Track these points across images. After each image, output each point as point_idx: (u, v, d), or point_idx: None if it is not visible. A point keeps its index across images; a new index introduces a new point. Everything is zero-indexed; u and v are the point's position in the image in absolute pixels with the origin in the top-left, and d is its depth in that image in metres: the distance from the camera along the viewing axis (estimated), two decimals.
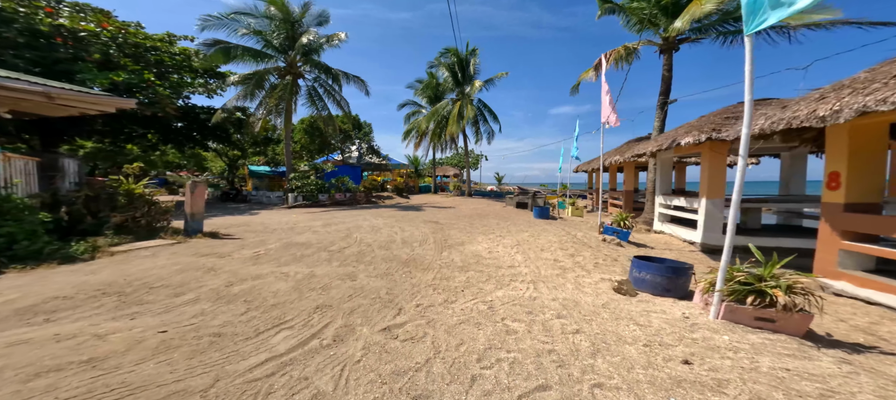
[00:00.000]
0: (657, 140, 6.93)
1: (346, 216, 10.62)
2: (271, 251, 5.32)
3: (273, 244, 5.86)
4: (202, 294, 3.35)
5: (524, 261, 5.31)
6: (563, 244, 6.62)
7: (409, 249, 5.91)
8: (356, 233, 7.29)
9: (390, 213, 11.96)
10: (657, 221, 8.32)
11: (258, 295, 3.42)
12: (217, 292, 3.41)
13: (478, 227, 8.84)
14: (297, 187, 15.03)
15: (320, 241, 6.32)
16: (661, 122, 10.09)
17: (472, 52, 22.54)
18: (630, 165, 11.50)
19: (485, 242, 6.72)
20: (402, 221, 9.65)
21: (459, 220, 10.25)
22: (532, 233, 7.96)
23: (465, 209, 13.95)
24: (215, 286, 3.58)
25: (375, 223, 8.99)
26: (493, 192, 27.09)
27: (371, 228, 8.00)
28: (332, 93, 17.27)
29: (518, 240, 7.02)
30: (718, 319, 2.73)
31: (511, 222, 9.92)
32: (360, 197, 17.14)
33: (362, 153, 26.74)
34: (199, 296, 3.30)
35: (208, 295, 3.34)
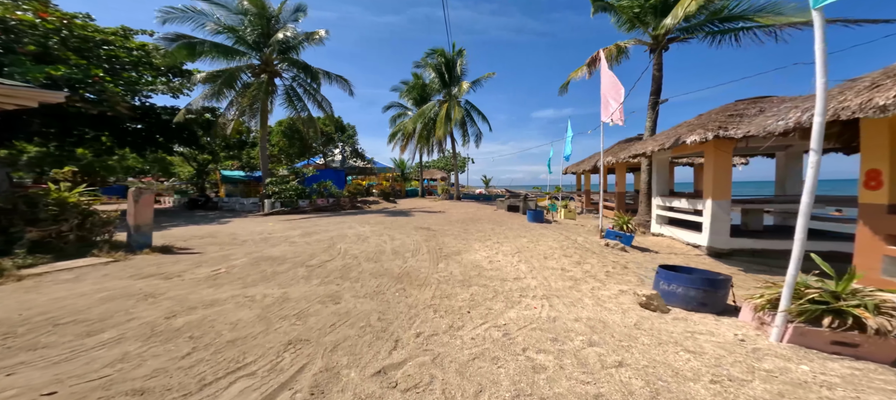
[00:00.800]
0: (657, 139, 6.70)
1: (329, 224, 9.78)
2: (236, 268, 4.50)
3: (239, 259, 5.02)
4: (130, 331, 2.57)
5: (530, 271, 4.80)
6: (566, 250, 6.19)
7: (402, 260, 5.26)
8: (340, 243, 6.54)
9: (377, 219, 11.21)
10: (655, 223, 8.11)
11: (210, 328, 2.67)
12: (152, 327, 2.64)
13: (472, 232, 8.30)
14: (275, 193, 13.94)
15: (298, 254, 5.53)
16: (653, 123, 10.01)
17: (458, 52, 22.22)
18: (622, 167, 11.41)
19: (483, 250, 6.17)
20: (391, 227, 8.95)
21: (452, 225, 9.68)
22: (530, 238, 7.52)
23: (456, 213, 13.40)
24: (151, 319, 2.79)
25: (362, 231, 8.24)
26: (481, 195, 26.76)
27: (357, 237, 7.26)
28: (312, 93, 16.31)
29: (517, 246, 6.53)
30: (783, 342, 2.31)
31: (506, 227, 9.46)
32: (345, 202, 16.21)
33: (346, 157, 25.69)
34: (125, 333, 2.52)
35: (138, 332, 2.56)
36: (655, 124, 10.03)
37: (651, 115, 10.03)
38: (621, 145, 11.72)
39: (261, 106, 14.14)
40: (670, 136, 6.07)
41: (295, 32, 14.75)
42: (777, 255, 5.37)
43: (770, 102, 5.64)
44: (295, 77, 16.10)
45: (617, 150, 11.54)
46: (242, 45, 14.51)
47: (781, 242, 5.56)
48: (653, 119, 10.01)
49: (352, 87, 17.02)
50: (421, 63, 23.78)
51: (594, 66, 10.10)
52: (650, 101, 10.06)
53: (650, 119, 10.05)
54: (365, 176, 30.98)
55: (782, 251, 5.43)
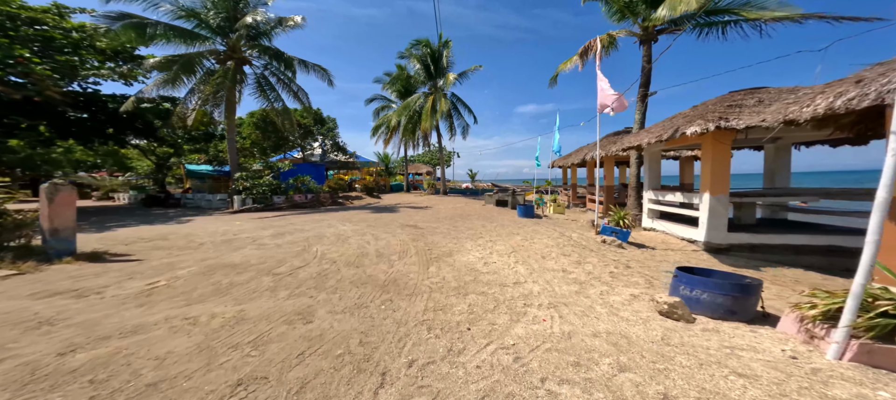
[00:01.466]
0: (653, 131, 6.46)
1: (307, 222, 8.97)
2: (180, 280, 3.74)
3: (187, 268, 4.23)
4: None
5: (529, 274, 4.38)
6: (563, 249, 5.84)
7: (387, 264, 4.69)
8: (317, 245, 5.84)
9: (360, 216, 10.49)
10: (646, 218, 7.97)
11: (125, 367, 2.01)
12: (34, 368, 1.93)
13: (463, 230, 7.82)
14: (246, 189, 12.81)
15: (265, 259, 4.81)
16: (643, 115, 9.89)
17: (444, 43, 21.50)
18: (610, 160, 11.31)
19: (476, 251, 5.70)
20: (375, 225, 8.30)
21: (440, 222, 9.16)
22: (524, 235, 7.14)
23: (444, 209, 12.88)
24: (36, 356, 2.08)
25: (342, 230, 7.54)
26: (468, 189, 26.39)
27: (336, 238, 6.57)
28: (285, 82, 15.11)
29: (512, 245, 6.12)
30: (843, 360, 1.98)
31: (497, 223, 9.06)
32: (325, 198, 15.26)
33: (327, 150, 24.43)
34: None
35: (13, 376, 1.85)
36: (645, 117, 9.92)
37: (640, 107, 9.90)
38: (610, 138, 11.62)
39: (227, 95, 12.86)
40: (667, 128, 5.83)
41: (265, 17, 13.50)
42: (776, 250, 5.26)
43: (767, 93, 5.49)
44: (267, 65, 14.84)
45: (606, 143, 11.40)
46: (205, 28, 13.10)
47: (779, 236, 5.47)
48: (642, 111, 9.89)
49: (331, 77, 15.96)
50: (405, 54, 22.86)
51: (587, 56, 9.81)
52: (639, 93, 9.92)
53: (639, 111, 9.93)
54: (347, 170, 29.76)
55: (781, 246, 5.34)
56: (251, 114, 19.19)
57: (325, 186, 17.30)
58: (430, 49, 21.73)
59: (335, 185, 18.22)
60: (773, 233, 5.51)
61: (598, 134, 6.88)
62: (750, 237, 5.40)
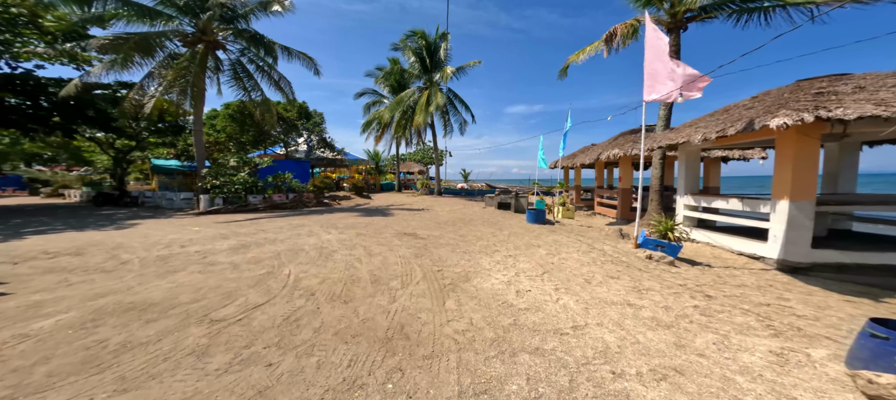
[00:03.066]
0: (708, 125, 5.38)
1: (283, 228, 7.51)
2: (32, 339, 2.29)
3: (63, 313, 2.76)
4: None
5: (584, 310, 3.17)
6: (605, 267, 4.68)
7: (387, 296, 3.38)
8: (291, 264, 4.45)
9: (348, 220, 9.07)
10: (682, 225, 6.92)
11: None
12: None
13: (471, 239, 6.57)
14: (215, 186, 11.14)
15: (205, 292, 3.39)
16: (668, 111, 8.93)
17: (442, 35, 20.18)
18: (627, 161, 10.35)
19: (498, 271, 4.46)
20: (367, 233, 6.93)
21: (442, 229, 7.87)
22: (546, 247, 5.95)
23: (443, 212, 11.60)
24: None
25: (326, 240, 6.14)
26: (463, 189, 25.17)
27: (318, 252, 5.18)
28: (265, 71, 13.46)
29: (539, 263, 4.91)
30: None
31: (507, 231, 7.86)
32: (309, 198, 13.70)
33: (313, 146, 22.69)
34: None
35: None
36: (670, 113, 8.95)
37: (666, 103, 8.93)
38: (626, 137, 10.64)
39: (194, 81, 11.10)
40: (735, 119, 4.76)
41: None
42: (871, 270, 4.26)
43: (863, 79, 4.49)
44: (243, 50, 13.14)
45: (622, 141, 10.42)
46: (169, 6, 11.32)
47: (879, 254, 4.44)
48: (668, 107, 8.92)
49: (317, 66, 14.41)
50: (399, 45, 21.38)
51: (613, 42, 8.75)
52: None
53: (664, 107, 8.95)
54: (335, 168, 28.02)
55: (878, 267, 4.33)
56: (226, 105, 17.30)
57: (309, 185, 15.70)
58: (426, 41, 20.39)
59: (321, 184, 16.63)
60: (868, 250, 4.49)
61: (643, 128, 5.73)
62: (839, 255, 4.37)
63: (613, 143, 10.66)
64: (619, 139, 10.84)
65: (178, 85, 10.82)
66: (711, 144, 6.26)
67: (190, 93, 10.86)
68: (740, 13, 8.12)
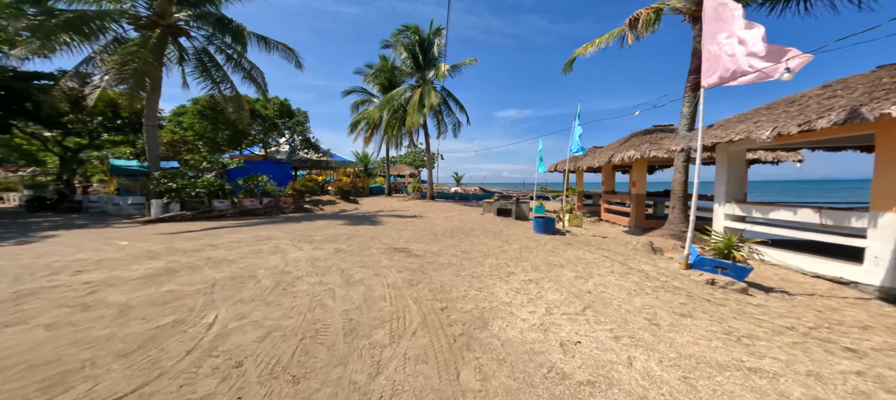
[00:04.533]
0: (788, 116, 4.34)
1: (242, 242, 6.07)
2: None
3: None
4: None
5: (686, 384, 1.98)
6: (665, 299, 3.53)
7: (368, 365, 2.09)
8: (225, 303, 3.09)
9: (329, 230, 7.69)
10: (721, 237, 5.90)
11: None
12: None
13: (476, 257, 5.33)
14: (172, 190, 9.54)
15: (17, 369, 2.04)
16: (694, 108, 8.00)
17: (436, 31, 19.07)
18: (642, 164, 9.41)
19: (523, 308, 3.24)
20: (348, 249, 5.60)
21: (440, 241, 6.61)
22: (573, 268, 4.78)
23: (438, 220, 10.33)
24: None
25: (292, 261, 4.77)
26: (457, 194, 23.95)
27: (275, 281, 3.81)
28: (236, 61, 11.95)
29: (573, 291, 3.72)
30: None
31: (516, 244, 6.66)
32: (287, 203, 12.18)
33: (295, 147, 21.05)
34: None
35: None
36: (696, 110, 8.03)
37: (690, 97, 8.01)
38: (641, 137, 9.71)
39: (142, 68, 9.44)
40: (823, 110, 3.75)
41: None
42: None
43: None
44: (210, 37, 11.61)
45: (637, 142, 9.47)
46: None
47: None
48: (692, 103, 7.99)
49: (299, 58, 13.02)
50: (390, 42, 20.14)
51: (636, 26, 7.79)
52: (689, 81, 8.04)
53: (689, 103, 8.03)
54: (321, 170, 26.37)
55: None
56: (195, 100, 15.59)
57: (288, 188, 14.15)
58: (420, 36, 19.24)
59: (302, 187, 15.09)
60: None
61: (700, 122, 4.57)
62: None
63: (627, 144, 9.70)
64: (633, 140, 9.90)
65: (124, 73, 9.20)
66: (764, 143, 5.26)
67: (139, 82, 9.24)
68: (776, 1, 7.31)
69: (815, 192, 56.08)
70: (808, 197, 37.22)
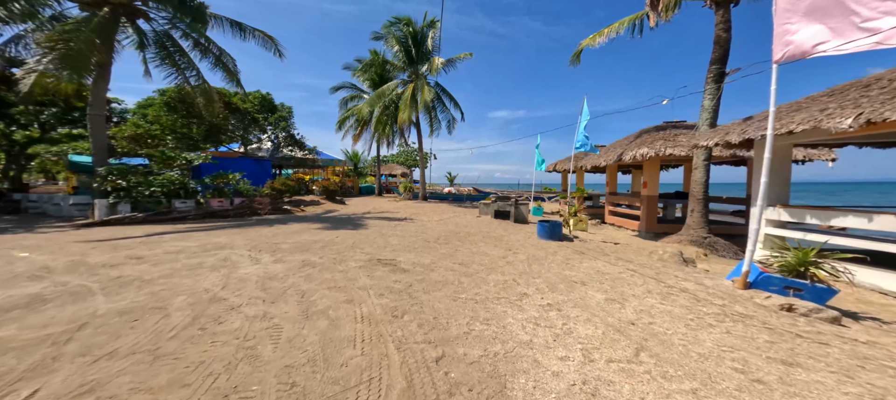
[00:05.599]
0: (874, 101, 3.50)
1: (184, 252, 4.91)
2: None
3: None
4: None
5: None
6: (741, 333, 2.59)
7: None
8: (81, 359, 2.00)
9: (303, 236, 6.56)
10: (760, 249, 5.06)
11: None
12: None
13: (477, 271, 4.32)
14: (121, 189, 8.25)
15: None
16: (717, 101, 7.22)
17: (430, 23, 18.07)
18: (654, 163, 8.62)
19: (551, 353, 2.24)
20: (320, 261, 4.50)
21: (433, 249, 5.58)
22: (597, 286, 3.83)
23: (431, 223, 9.30)
24: None
25: (236, 280, 3.65)
26: (451, 194, 22.94)
27: (193, 314, 2.71)
28: (204, 46, 10.68)
29: (609, 322, 2.76)
30: None
31: (521, 252, 5.68)
32: (262, 204, 10.93)
33: (279, 144, 19.70)
34: None
35: None
36: (718, 103, 7.25)
37: (713, 89, 7.22)
38: (653, 134, 8.91)
39: (81, 49, 8.06)
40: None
41: None
42: None
43: None
44: (173, 20, 10.30)
45: (650, 139, 8.66)
46: None
47: None
48: (715, 94, 7.20)
49: (279, 47, 11.84)
50: (381, 34, 19.01)
51: (657, 6, 6.96)
52: (711, 72, 7.25)
53: (711, 95, 7.24)
54: (307, 169, 25.00)
55: None
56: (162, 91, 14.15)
57: (265, 188, 12.89)
58: (412, 28, 18.22)
59: (281, 186, 13.84)
60: None
61: (772, 99, 3.55)
62: None
63: (639, 142, 8.88)
64: (645, 137, 9.09)
65: (61, 55, 7.82)
66: (822, 136, 4.42)
67: (78, 66, 7.87)
68: None
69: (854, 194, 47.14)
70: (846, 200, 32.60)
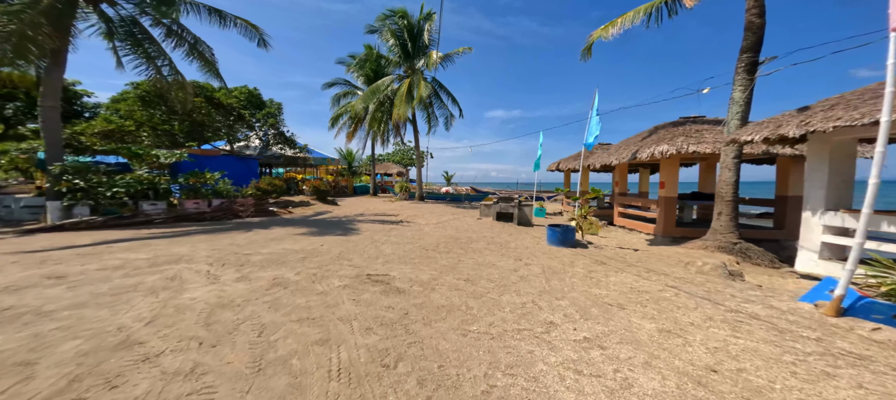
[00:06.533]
0: None
1: (122, 267, 4.02)
2: None
3: None
4: None
5: None
6: (870, 383, 1.79)
7: None
8: None
9: (280, 245, 5.68)
10: (816, 259, 4.33)
11: None
12: None
13: (488, 289, 3.49)
14: (78, 189, 7.29)
15: None
16: (749, 93, 6.48)
17: (426, 16, 17.18)
18: (673, 162, 7.90)
19: None
20: (293, 278, 3.65)
21: (432, 260, 4.74)
22: (645, 312, 3.04)
23: (429, 227, 8.47)
24: None
25: (174, 309, 2.79)
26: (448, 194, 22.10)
27: (74, 371, 1.86)
28: (177, 34, 9.69)
29: (692, 373, 1.95)
30: None
31: (534, 263, 4.88)
32: (243, 206, 9.99)
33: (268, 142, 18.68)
34: None
35: None
36: (751, 95, 6.51)
37: (744, 80, 6.48)
38: (670, 129, 8.18)
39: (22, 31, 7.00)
40: None
41: None
42: None
43: None
44: (140, 4, 9.30)
45: (667, 136, 7.93)
46: None
47: None
48: (747, 88, 6.46)
49: (263, 35, 10.88)
50: (376, 27, 18.07)
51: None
52: (743, 61, 6.51)
53: (741, 88, 6.50)
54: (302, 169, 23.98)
55: None
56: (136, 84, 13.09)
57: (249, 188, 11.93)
58: (408, 21, 17.33)
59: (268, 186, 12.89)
60: None
61: (889, 90, 2.71)
62: None
63: (655, 138, 8.14)
64: (662, 133, 8.36)
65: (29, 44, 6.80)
66: None
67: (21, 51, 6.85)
68: None
69: None
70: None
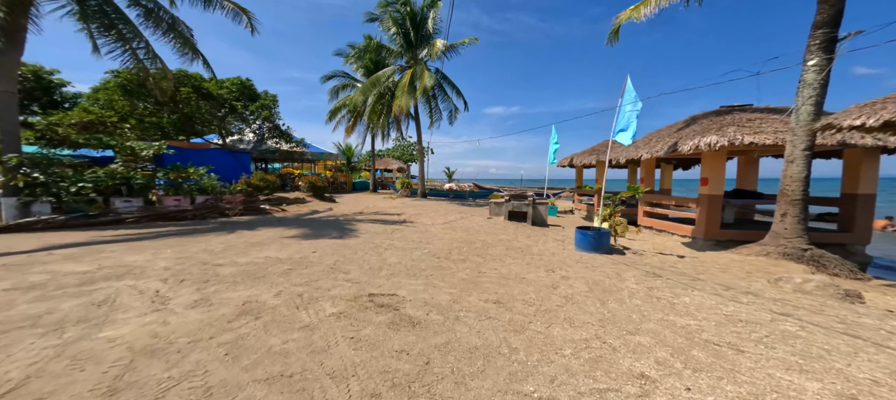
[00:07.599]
0: None
1: (41, 288, 3.07)
2: None
3: None
4: None
5: None
6: None
7: None
8: None
9: (264, 252, 4.72)
10: None
11: None
12: None
13: (526, 317, 2.53)
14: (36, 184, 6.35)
15: None
16: (826, 73, 5.44)
17: (430, 3, 16.06)
18: (718, 157, 6.88)
19: None
20: (271, 302, 2.69)
21: (447, 273, 3.77)
22: (790, 365, 2.06)
23: (436, 228, 7.50)
24: None
25: (47, 374, 1.85)
26: (451, 191, 21.11)
27: None
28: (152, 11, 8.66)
29: None
30: None
31: (572, 275, 3.91)
32: (231, 204, 9.02)
33: (263, 136, 17.68)
34: None
35: None
36: (828, 77, 5.48)
37: (820, 61, 5.44)
38: (715, 119, 7.17)
39: None
40: None
41: None
42: None
43: None
44: None
45: (711, 126, 6.91)
46: None
47: None
48: (824, 69, 5.42)
49: (252, 19, 9.87)
50: (376, 15, 16.93)
51: None
52: (816, 38, 5.48)
53: (816, 69, 5.47)
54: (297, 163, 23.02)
55: None
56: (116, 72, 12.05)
57: (238, 184, 10.96)
58: (411, 8, 16.22)
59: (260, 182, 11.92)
60: None
61: None
62: None
63: (700, 129, 7.13)
64: (705, 123, 7.35)
65: None
66: None
67: None
68: None
69: None
70: None
